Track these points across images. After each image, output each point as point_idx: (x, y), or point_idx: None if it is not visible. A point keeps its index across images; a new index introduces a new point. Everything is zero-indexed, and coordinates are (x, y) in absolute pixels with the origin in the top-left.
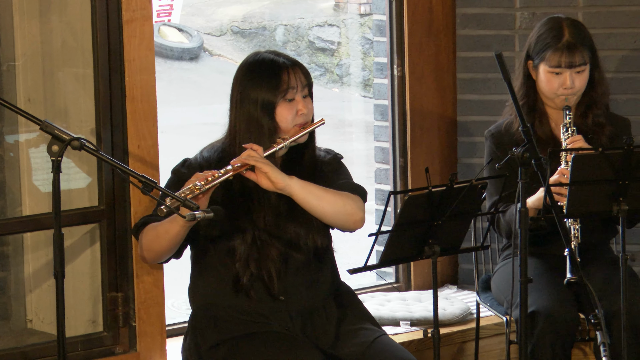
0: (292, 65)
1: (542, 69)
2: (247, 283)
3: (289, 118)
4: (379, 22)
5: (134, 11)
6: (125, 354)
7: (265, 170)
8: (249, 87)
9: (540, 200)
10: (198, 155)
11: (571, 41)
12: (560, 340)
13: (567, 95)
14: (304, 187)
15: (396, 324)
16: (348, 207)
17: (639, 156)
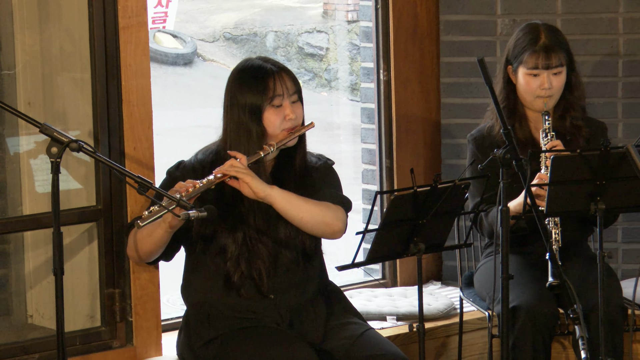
0: (279, 71)
1: (520, 72)
2: (237, 281)
3: (277, 123)
4: (366, 28)
5: (129, 18)
6: (122, 348)
7: (246, 180)
8: (238, 93)
9: (520, 206)
10: (193, 158)
11: (547, 43)
12: (541, 334)
13: (545, 96)
14: (284, 197)
15: (383, 319)
16: (327, 218)
17: (615, 157)
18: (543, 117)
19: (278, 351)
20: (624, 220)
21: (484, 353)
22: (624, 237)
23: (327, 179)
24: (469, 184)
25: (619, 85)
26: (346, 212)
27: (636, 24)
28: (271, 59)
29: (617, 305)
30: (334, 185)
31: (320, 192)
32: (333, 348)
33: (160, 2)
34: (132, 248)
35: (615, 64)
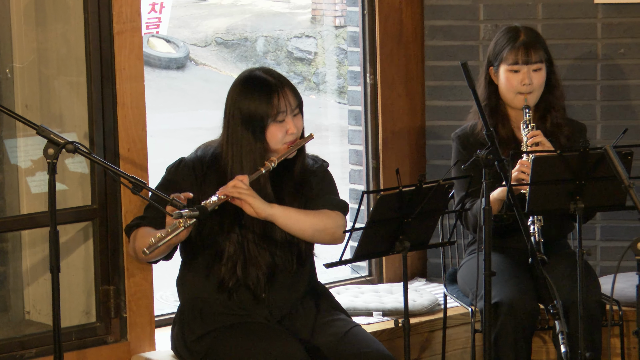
0: (282, 87)
1: (502, 70)
2: (232, 287)
3: (279, 137)
4: (353, 33)
5: (124, 23)
6: (117, 343)
7: (249, 201)
8: (241, 108)
9: (503, 192)
10: (193, 154)
11: (527, 40)
12: (522, 329)
13: (525, 92)
14: (285, 214)
15: (369, 314)
16: (328, 227)
17: (594, 158)
18: (524, 111)
19: (268, 346)
20: (603, 219)
21: (467, 347)
22: (602, 235)
23: (325, 184)
24: (453, 183)
25: (598, 89)
26: (345, 216)
27: (614, 29)
28: (274, 71)
29: (595, 301)
30: (331, 190)
31: (319, 199)
32: (321, 344)
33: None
34: (133, 250)
35: (593, 68)
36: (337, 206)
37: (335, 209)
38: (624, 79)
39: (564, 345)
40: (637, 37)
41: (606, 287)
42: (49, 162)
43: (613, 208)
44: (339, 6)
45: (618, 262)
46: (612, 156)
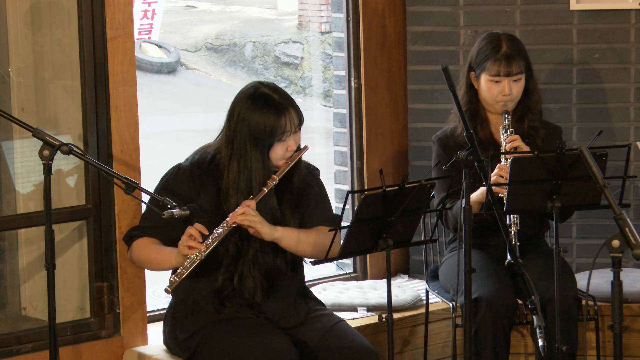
0: (288, 107)
1: (483, 79)
2: (227, 296)
3: (280, 155)
4: (338, 39)
5: (117, 29)
6: (110, 338)
7: (257, 228)
8: (251, 124)
9: (482, 195)
10: (190, 159)
11: (508, 52)
12: (501, 323)
13: (505, 101)
14: (288, 236)
15: (354, 310)
16: (326, 245)
17: (570, 159)
18: (503, 116)
19: (257, 340)
20: (578, 217)
21: (448, 341)
22: (578, 233)
23: (320, 196)
24: (434, 183)
25: (574, 92)
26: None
27: (589, 35)
28: (280, 89)
29: (572, 297)
30: (325, 201)
31: (315, 215)
32: (307, 338)
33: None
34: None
35: (569, 72)
36: (332, 222)
37: (330, 224)
38: (598, 82)
39: (541, 339)
40: (611, 43)
41: (582, 283)
42: (44, 163)
43: (588, 207)
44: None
45: (593, 259)
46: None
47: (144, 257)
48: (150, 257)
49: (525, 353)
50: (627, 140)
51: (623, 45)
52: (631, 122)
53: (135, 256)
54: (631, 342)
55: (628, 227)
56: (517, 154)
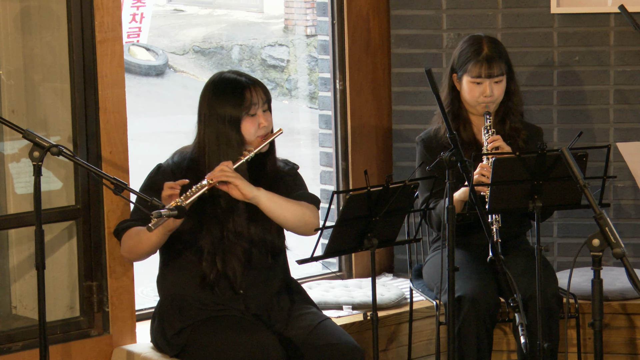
0: (253, 83)
1: (465, 80)
2: (213, 280)
3: (252, 131)
4: (323, 42)
5: (106, 32)
6: (100, 336)
7: (236, 183)
8: (216, 106)
9: (465, 194)
10: (170, 160)
11: (490, 55)
12: (483, 321)
13: (487, 102)
14: (269, 197)
15: (339, 308)
16: (306, 217)
17: (551, 159)
18: (485, 117)
19: (244, 338)
20: (559, 217)
21: (431, 339)
22: (559, 232)
23: (297, 182)
24: (418, 184)
25: (554, 94)
26: (318, 211)
27: (569, 38)
28: (243, 72)
29: (553, 295)
30: (303, 187)
31: (295, 193)
32: (293, 336)
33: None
34: (127, 251)
35: (550, 74)
36: (312, 200)
37: (310, 202)
38: (578, 84)
39: (523, 336)
40: (591, 45)
41: (563, 281)
42: (34, 165)
43: (569, 207)
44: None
45: (574, 257)
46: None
47: (134, 241)
48: (140, 237)
49: (508, 350)
50: (606, 141)
51: (603, 48)
52: (610, 124)
53: (126, 244)
54: (611, 339)
55: (608, 226)
56: (499, 154)
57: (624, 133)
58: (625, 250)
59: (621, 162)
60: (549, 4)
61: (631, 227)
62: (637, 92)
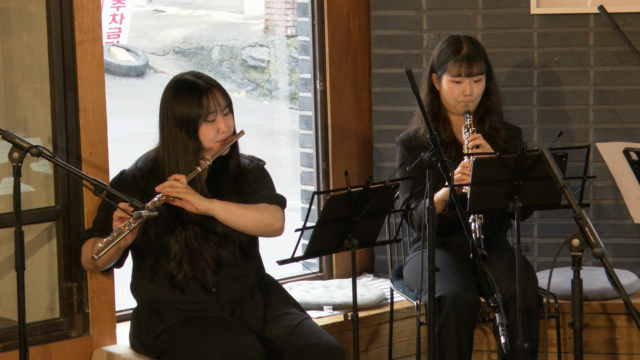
0: (211, 88)
1: (444, 80)
2: (182, 280)
3: (211, 137)
4: (304, 42)
5: (85, 33)
6: (80, 338)
7: (187, 199)
8: (173, 111)
9: (446, 194)
10: (133, 166)
11: (469, 53)
12: (464, 321)
13: (466, 101)
14: (225, 208)
15: (320, 309)
16: (266, 220)
17: (531, 160)
18: (465, 115)
19: (224, 339)
20: (539, 217)
21: (412, 339)
22: (539, 232)
23: (261, 180)
24: (399, 184)
25: (534, 94)
26: (283, 210)
27: (549, 39)
28: (202, 74)
29: (533, 295)
30: (267, 185)
31: (256, 194)
32: (273, 336)
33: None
34: (87, 260)
35: (530, 75)
36: (275, 200)
37: (273, 202)
38: (558, 85)
39: (503, 336)
40: (571, 46)
41: (543, 281)
42: (14, 165)
43: (549, 207)
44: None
45: (554, 257)
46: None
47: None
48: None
49: (488, 350)
50: (586, 142)
51: (582, 48)
52: (590, 124)
53: (83, 256)
54: (591, 339)
55: (588, 226)
56: (479, 154)
57: (604, 133)
58: (604, 250)
59: (601, 162)
60: (528, 5)
61: (611, 227)
62: (616, 93)
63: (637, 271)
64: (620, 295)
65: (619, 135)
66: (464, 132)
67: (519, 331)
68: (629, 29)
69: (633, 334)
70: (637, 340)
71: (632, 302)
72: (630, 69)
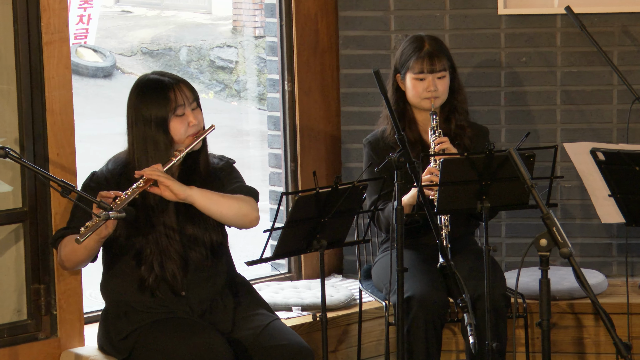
0: (177, 83)
1: (408, 78)
2: (152, 284)
3: (182, 130)
4: (272, 43)
5: (52, 34)
6: (48, 340)
7: (167, 184)
8: (142, 109)
9: (413, 198)
10: (104, 167)
11: (431, 50)
12: (432, 321)
13: (431, 97)
14: (203, 195)
15: (289, 310)
16: (243, 209)
17: (499, 160)
18: (431, 117)
19: (192, 340)
20: (507, 217)
21: (381, 340)
22: (507, 232)
23: (232, 175)
24: (367, 184)
25: (502, 95)
26: (256, 202)
27: (516, 39)
28: (166, 72)
29: (501, 295)
30: (239, 179)
31: (230, 187)
32: (242, 337)
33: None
34: (67, 259)
35: (498, 75)
36: (249, 192)
37: (247, 194)
38: (526, 85)
39: (472, 336)
40: (538, 46)
41: (511, 281)
42: None
43: (517, 207)
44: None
45: (522, 257)
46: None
47: (69, 249)
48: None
49: (457, 350)
50: (553, 142)
51: (549, 49)
52: (557, 124)
53: (61, 253)
54: (559, 338)
55: (555, 226)
56: (447, 155)
57: (571, 133)
58: (572, 250)
59: (568, 163)
60: (496, 5)
61: (578, 227)
62: (583, 93)
63: (604, 271)
64: (587, 295)
65: (586, 136)
66: (430, 135)
67: (487, 331)
68: (596, 29)
69: (600, 334)
70: (604, 340)
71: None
72: (597, 70)
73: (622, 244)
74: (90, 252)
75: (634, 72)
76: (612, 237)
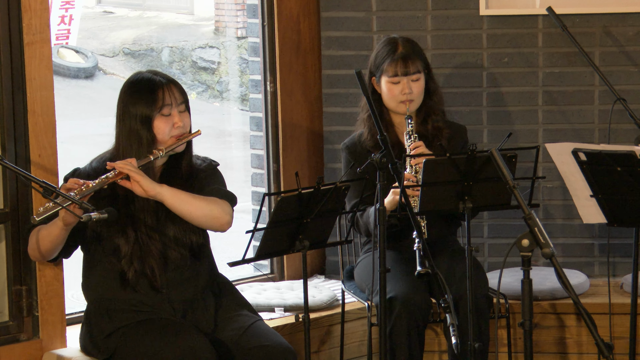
0: (168, 83)
1: (383, 81)
2: (132, 279)
3: (166, 130)
4: (254, 44)
5: (34, 35)
6: (29, 341)
7: (137, 179)
8: (130, 104)
9: (391, 204)
10: (88, 165)
11: (405, 52)
12: (415, 322)
13: (407, 100)
14: (173, 194)
15: (271, 310)
16: (215, 212)
17: (481, 160)
18: (406, 121)
19: (175, 341)
20: (490, 217)
21: (364, 340)
22: (489, 232)
23: (212, 177)
24: (349, 185)
25: (484, 95)
26: (232, 206)
27: (498, 40)
28: (160, 72)
29: (483, 295)
30: (219, 182)
31: (207, 188)
32: (224, 338)
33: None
34: (33, 247)
35: (479, 76)
36: (224, 195)
37: (222, 197)
38: (508, 86)
39: (454, 336)
40: (520, 47)
41: (493, 281)
42: None
43: (499, 207)
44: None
45: (504, 258)
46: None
47: (35, 238)
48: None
49: (439, 350)
50: (535, 142)
51: (531, 49)
52: (539, 125)
53: (30, 242)
54: (541, 338)
55: (537, 226)
56: (429, 155)
57: (553, 134)
58: (554, 251)
59: (550, 163)
60: (477, 6)
61: (560, 227)
62: (565, 93)
63: (586, 271)
64: (569, 295)
65: (568, 136)
66: (406, 139)
67: (470, 331)
68: (577, 30)
69: (582, 334)
70: (586, 340)
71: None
72: (578, 70)
73: (604, 244)
74: (54, 240)
75: (615, 72)
76: (594, 238)
